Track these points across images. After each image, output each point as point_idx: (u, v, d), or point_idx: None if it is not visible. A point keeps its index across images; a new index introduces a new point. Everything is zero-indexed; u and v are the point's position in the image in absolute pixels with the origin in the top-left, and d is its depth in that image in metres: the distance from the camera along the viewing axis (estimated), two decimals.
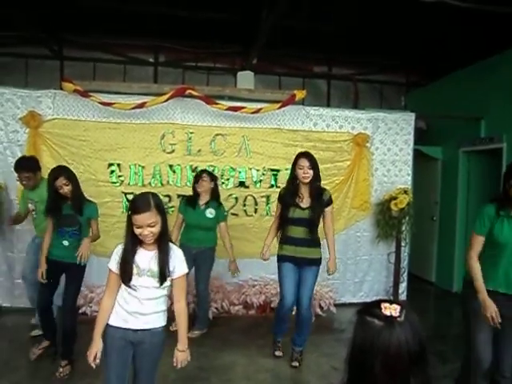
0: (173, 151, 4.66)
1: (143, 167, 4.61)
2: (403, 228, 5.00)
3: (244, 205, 4.80)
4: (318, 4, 4.81)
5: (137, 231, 1.97)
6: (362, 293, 5.16)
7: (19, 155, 4.28)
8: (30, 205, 3.65)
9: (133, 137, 4.57)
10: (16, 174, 3.64)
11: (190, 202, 4.00)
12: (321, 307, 4.61)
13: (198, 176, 4.02)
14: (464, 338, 2.72)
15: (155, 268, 2.04)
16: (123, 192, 4.59)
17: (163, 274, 2.04)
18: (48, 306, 3.32)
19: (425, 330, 1.08)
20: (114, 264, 2.08)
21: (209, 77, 6.70)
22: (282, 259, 3.42)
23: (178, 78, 6.55)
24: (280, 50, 6.00)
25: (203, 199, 3.98)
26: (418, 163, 5.68)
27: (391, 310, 1.08)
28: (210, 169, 4.70)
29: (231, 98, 4.84)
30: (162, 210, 2.03)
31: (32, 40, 5.95)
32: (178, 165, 4.66)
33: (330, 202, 3.41)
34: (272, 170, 4.85)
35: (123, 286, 2.07)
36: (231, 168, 4.78)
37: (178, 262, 2.09)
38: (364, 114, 5.09)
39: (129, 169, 4.59)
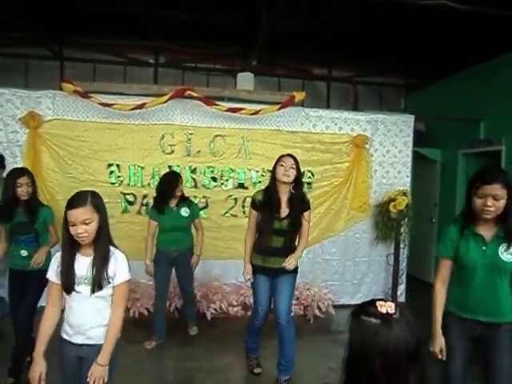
0: (172, 152, 4.67)
1: (142, 168, 4.61)
2: (402, 230, 5.00)
3: (243, 206, 4.79)
4: (317, 5, 4.81)
5: (71, 230, 1.83)
6: (360, 294, 5.15)
7: (18, 155, 4.32)
8: None
9: (132, 137, 4.58)
10: None
11: (160, 205, 3.77)
12: (319, 308, 4.60)
13: (176, 180, 3.80)
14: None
15: (92, 275, 1.89)
16: (122, 193, 4.59)
17: (99, 281, 1.87)
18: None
19: (424, 331, 1.07)
20: (52, 273, 1.94)
21: (208, 78, 6.70)
22: (255, 269, 3.16)
23: (177, 79, 6.55)
24: (280, 51, 6.00)
25: (174, 201, 3.81)
26: (417, 165, 5.69)
27: (387, 307, 1.07)
28: (209, 170, 4.72)
29: (231, 100, 4.84)
30: (100, 209, 1.89)
31: (32, 40, 5.95)
32: (178, 166, 4.65)
33: (308, 206, 3.13)
34: (271, 171, 4.83)
35: (65, 296, 1.94)
36: (230, 169, 4.78)
37: (120, 268, 1.93)
38: (363, 116, 5.10)
39: (128, 169, 4.59)
